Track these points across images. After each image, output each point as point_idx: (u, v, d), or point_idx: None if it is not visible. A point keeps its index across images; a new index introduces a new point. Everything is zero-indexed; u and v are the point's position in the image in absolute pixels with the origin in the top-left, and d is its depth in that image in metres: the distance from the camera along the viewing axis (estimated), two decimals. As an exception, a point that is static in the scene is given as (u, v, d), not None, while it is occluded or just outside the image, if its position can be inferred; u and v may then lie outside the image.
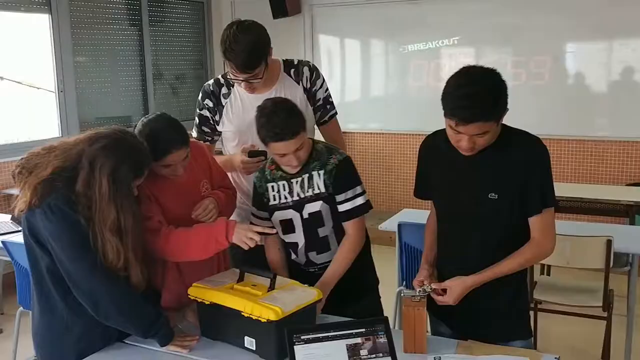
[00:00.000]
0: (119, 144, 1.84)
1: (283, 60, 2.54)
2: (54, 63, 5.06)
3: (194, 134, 2.55)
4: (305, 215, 2.18)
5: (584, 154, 5.23)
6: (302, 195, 2.17)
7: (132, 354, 1.93)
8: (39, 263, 1.87)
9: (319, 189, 2.15)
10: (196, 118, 2.56)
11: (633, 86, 5.05)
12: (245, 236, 1.98)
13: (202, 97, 2.52)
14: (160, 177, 2.10)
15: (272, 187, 2.22)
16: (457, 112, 1.76)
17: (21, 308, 3.23)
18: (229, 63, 2.31)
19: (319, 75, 2.55)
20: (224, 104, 2.49)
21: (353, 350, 1.66)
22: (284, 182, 2.20)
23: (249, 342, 1.89)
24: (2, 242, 3.12)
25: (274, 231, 1.99)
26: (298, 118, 2.07)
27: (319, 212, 2.17)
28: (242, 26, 2.30)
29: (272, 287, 1.94)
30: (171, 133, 2.04)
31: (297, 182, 2.18)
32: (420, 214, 2.51)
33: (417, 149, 2.15)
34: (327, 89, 2.59)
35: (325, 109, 2.59)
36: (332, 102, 2.61)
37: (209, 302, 1.95)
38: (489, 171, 1.91)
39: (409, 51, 5.84)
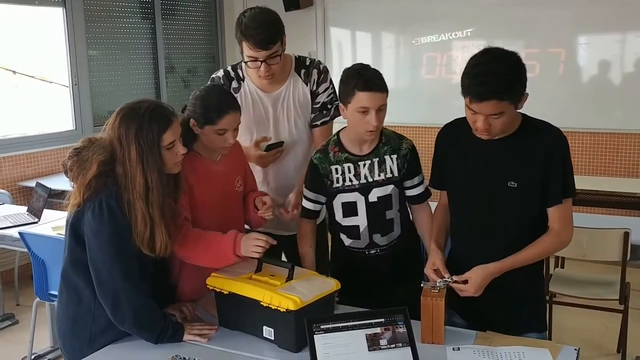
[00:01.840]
0: (136, 109, 1.86)
1: (296, 57, 2.52)
2: (68, 56, 5.08)
3: None
4: (372, 199, 2.18)
5: (599, 147, 5.18)
6: (369, 179, 2.18)
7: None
8: (72, 254, 1.89)
9: (391, 172, 2.17)
10: None
11: (648, 78, 5.00)
12: (252, 246, 2.01)
13: None
14: (199, 163, 2.16)
15: (336, 169, 2.20)
16: (472, 89, 1.77)
17: (38, 299, 3.25)
18: (247, 43, 2.28)
19: (326, 78, 2.50)
20: None
21: (372, 340, 1.65)
22: (350, 164, 2.19)
23: (268, 331, 1.90)
24: (19, 233, 3.14)
25: (274, 242, 2.04)
26: (382, 81, 2.10)
27: (389, 195, 2.18)
28: (257, 8, 2.34)
29: (290, 277, 1.94)
30: (225, 95, 2.16)
31: (364, 165, 2.18)
32: (434, 206, 2.50)
33: (429, 142, 2.16)
34: (330, 94, 2.51)
35: (320, 113, 2.51)
36: (330, 108, 2.51)
37: (227, 292, 1.96)
38: (509, 159, 1.90)
39: (421, 43, 5.81)
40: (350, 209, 2.22)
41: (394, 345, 1.65)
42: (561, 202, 1.89)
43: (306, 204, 2.29)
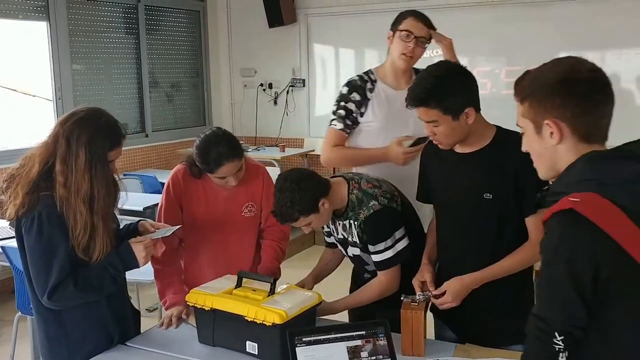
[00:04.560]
0: (95, 117, 1.89)
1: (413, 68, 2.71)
2: (51, 71, 5.08)
3: (339, 125, 2.56)
4: (350, 254, 2.26)
5: (577, 162, 5.27)
6: (345, 236, 2.22)
7: (134, 355, 1.95)
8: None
9: (355, 237, 2.18)
10: (340, 110, 2.58)
11: (624, 95, 5.11)
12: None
13: (348, 91, 2.58)
14: (207, 183, 2.29)
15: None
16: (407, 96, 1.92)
17: (19, 313, 3.23)
18: (410, 16, 2.60)
19: None
20: (369, 97, 2.56)
21: (354, 352, 1.68)
22: (332, 218, 2.21)
23: (251, 346, 1.90)
24: (1, 247, 3.12)
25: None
26: (295, 208, 2.00)
27: (359, 256, 2.23)
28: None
29: (272, 292, 1.95)
30: (224, 146, 2.16)
31: (340, 224, 2.21)
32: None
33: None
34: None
35: None
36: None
37: (209, 308, 1.95)
38: (483, 172, 1.95)
39: (404, 60, 5.88)
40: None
41: (374, 358, 1.68)
42: (536, 212, 1.92)
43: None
